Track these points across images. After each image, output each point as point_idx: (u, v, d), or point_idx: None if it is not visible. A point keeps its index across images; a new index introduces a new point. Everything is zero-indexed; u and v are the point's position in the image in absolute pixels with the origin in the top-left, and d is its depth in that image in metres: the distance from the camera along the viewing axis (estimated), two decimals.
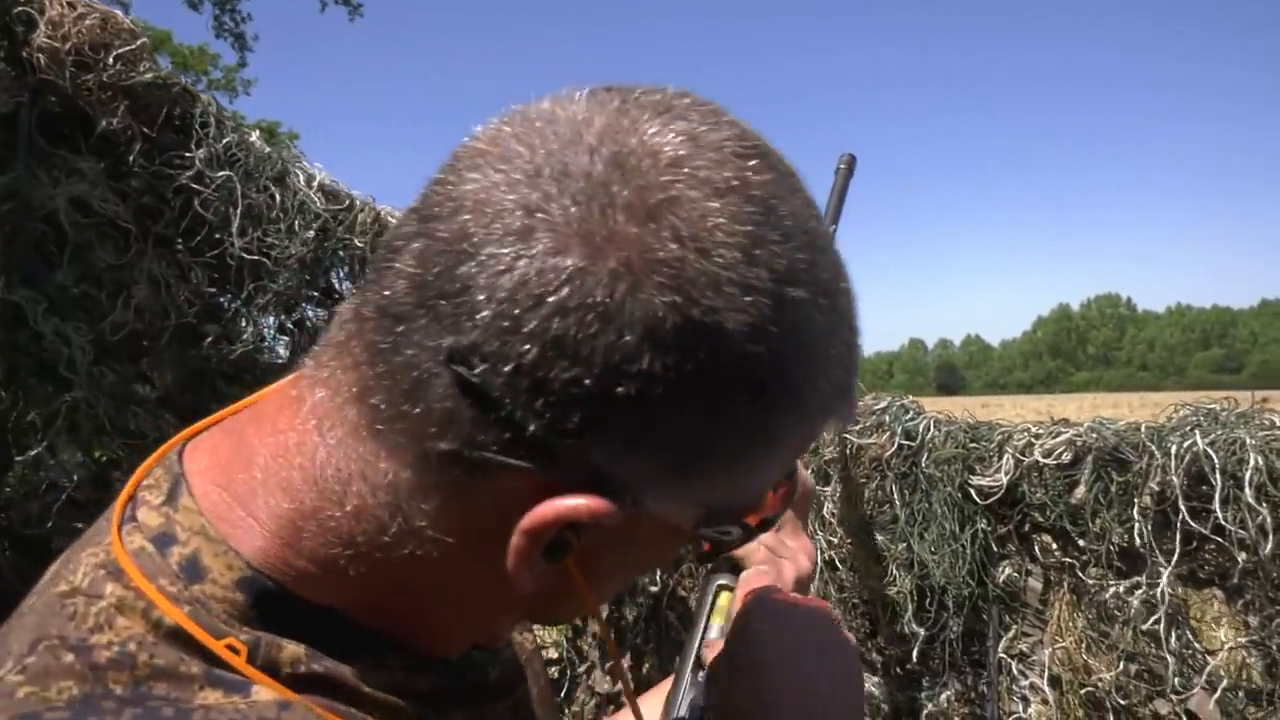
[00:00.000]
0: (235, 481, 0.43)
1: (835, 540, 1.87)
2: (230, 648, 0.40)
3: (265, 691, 0.40)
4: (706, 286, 0.36)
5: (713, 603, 0.73)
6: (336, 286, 1.93)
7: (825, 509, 1.89)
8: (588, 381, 0.36)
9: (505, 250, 0.37)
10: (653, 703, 0.79)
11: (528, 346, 0.36)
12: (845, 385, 0.43)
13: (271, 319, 1.90)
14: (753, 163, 0.39)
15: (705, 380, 0.37)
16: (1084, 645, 1.58)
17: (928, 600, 1.76)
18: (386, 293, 0.40)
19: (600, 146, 0.38)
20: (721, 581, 0.74)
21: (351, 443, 0.41)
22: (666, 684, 0.80)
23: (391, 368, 0.39)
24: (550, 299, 0.36)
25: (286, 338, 1.92)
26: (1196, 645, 1.44)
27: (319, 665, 0.42)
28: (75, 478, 1.68)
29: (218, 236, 1.78)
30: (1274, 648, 1.36)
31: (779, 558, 0.76)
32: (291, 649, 0.41)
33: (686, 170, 0.38)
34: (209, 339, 1.80)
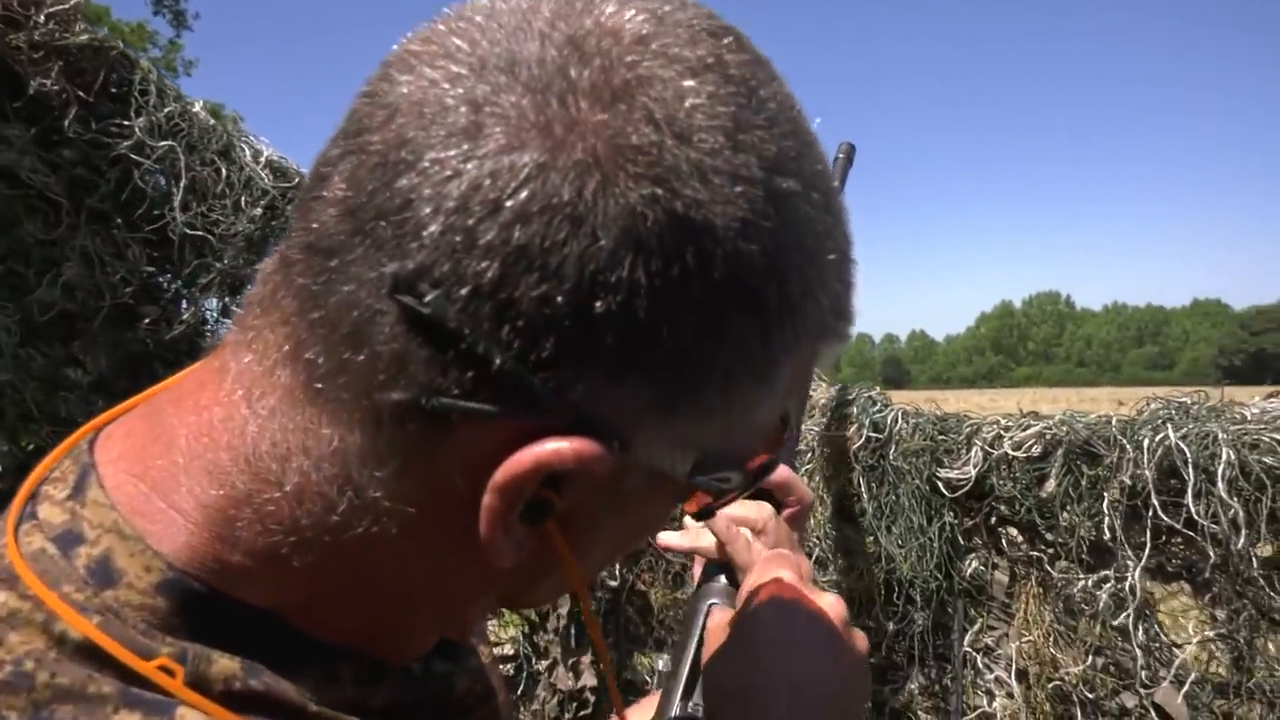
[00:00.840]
0: (152, 469, 0.37)
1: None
2: (164, 669, 0.33)
3: (193, 714, 0.33)
4: (689, 176, 0.31)
5: (704, 624, 0.68)
6: None
7: None
8: (560, 299, 0.31)
9: (451, 153, 0.31)
10: (637, 718, 0.74)
11: (486, 263, 0.30)
12: (843, 301, 0.38)
13: (214, 300, 1.80)
14: (727, 40, 0.34)
15: (694, 287, 0.32)
16: (1051, 639, 1.58)
17: (895, 594, 1.74)
18: (314, 226, 0.34)
19: (552, 31, 0.33)
20: (714, 601, 0.70)
21: (286, 410, 0.35)
22: (650, 700, 0.76)
23: (327, 312, 0.33)
24: (508, 204, 0.30)
25: (229, 320, 1.82)
26: (1164, 638, 1.44)
27: (257, 681, 0.35)
28: (0, 467, 1.57)
29: (157, 212, 1.68)
30: (1241, 641, 1.36)
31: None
32: (224, 663, 0.35)
33: (655, 47, 0.33)
34: (147, 320, 1.70)
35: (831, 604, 0.60)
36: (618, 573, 2.31)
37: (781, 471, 0.80)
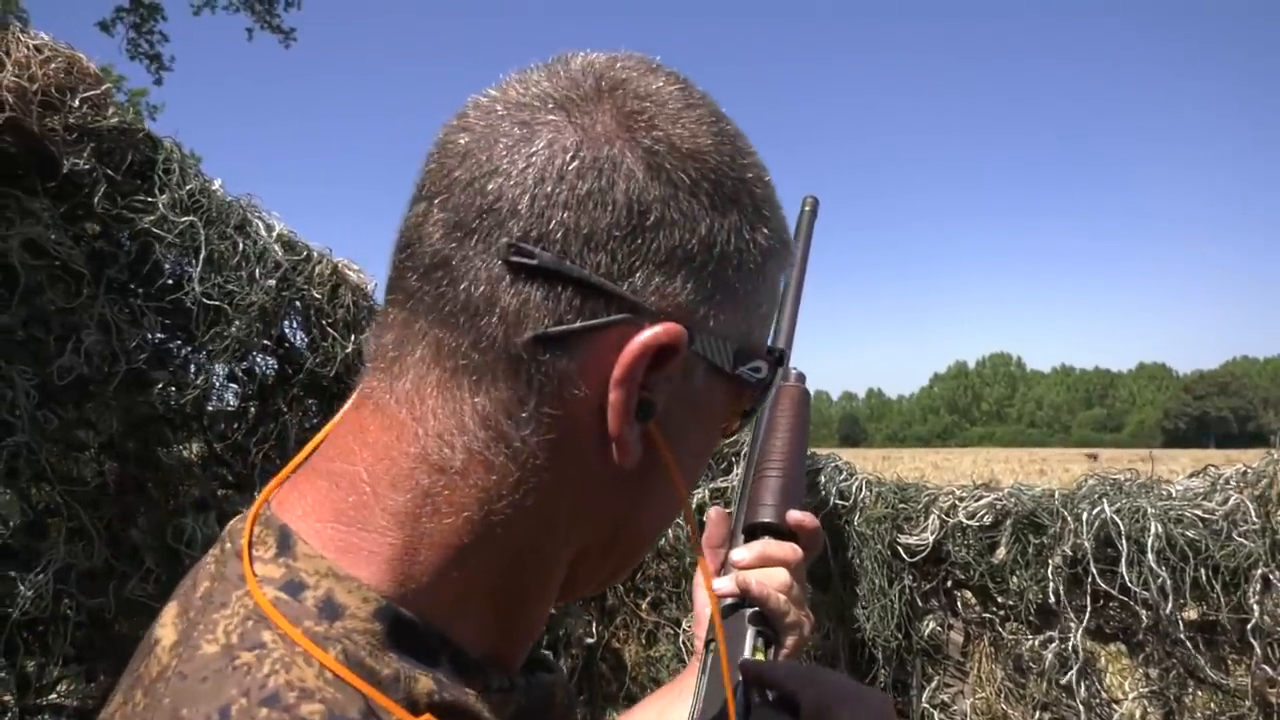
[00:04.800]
0: (345, 507, 0.45)
1: None
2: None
3: None
4: (673, 121, 0.47)
5: (754, 646, 0.78)
6: (288, 336, 1.94)
7: None
8: (622, 220, 0.44)
9: (519, 154, 0.44)
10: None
11: (567, 213, 0.43)
12: (786, 226, 0.53)
13: (220, 367, 1.89)
14: (652, 60, 0.51)
15: (700, 191, 0.46)
16: (1002, 695, 1.70)
17: (859, 652, 1.85)
18: (426, 252, 0.46)
19: (553, 79, 0.48)
20: (761, 628, 0.79)
21: (444, 402, 0.45)
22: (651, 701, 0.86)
23: (457, 304, 0.44)
24: (571, 167, 0.44)
25: (235, 386, 1.91)
26: (1104, 695, 1.57)
27: (448, 695, 0.44)
28: (10, 524, 1.63)
29: (171, 282, 1.78)
30: (1171, 697, 1.50)
31: (801, 614, 0.83)
32: (424, 681, 0.43)
33: (619, 65, 0.49)
34: (158, 385, 1.78)
35: (881, 695, 0.70)
36: (594, 630, 2.39)
37: (815, 521, 0.90)
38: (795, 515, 0.88)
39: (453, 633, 0.46)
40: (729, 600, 0.83)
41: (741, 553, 0.86)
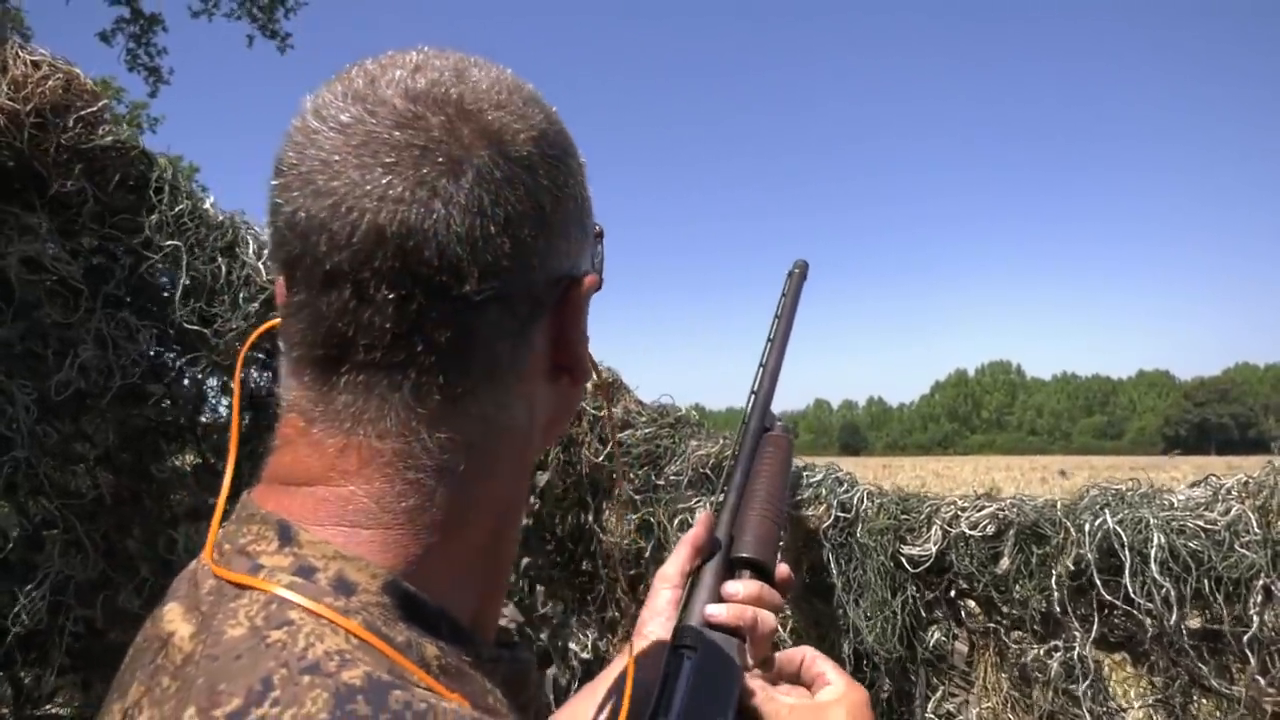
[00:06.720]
0: (345, 513, 0.48)
1: None
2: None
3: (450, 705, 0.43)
4: (514, 117, 0.51)
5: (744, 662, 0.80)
6: (282, 349, 1.92)
7: None
8: (532, 221, 0.49)
9: (431, 213, 0.46)
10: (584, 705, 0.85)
11: (496, 240, 0.47)
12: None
13: (214, 380, 1.89)
14: (453, 56, 0.54)
15: (554, 159, 0.52)
16: (1008, 705, 1.69)
17: (863, 663, 1.84)
18: (380, 333, 0.48)
19: (396, 122, 0.48)
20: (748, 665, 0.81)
21: (434, 425, 0.48)
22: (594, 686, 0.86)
23: (433, 357, 0.48)
24: (484, 202, 0.47)
25: (229, 398, 1.90)
26: (1110, 704, 1.56)
27: (451, 660, 0.47)
28: (10, 538, 1.62)
29: (165, 295, 1.77)
30: (1177, 706, 1.49)
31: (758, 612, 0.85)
32: (430, 648, 0.46)
33: (436, 79, 0.50)
34: (152, 399, 1.78)
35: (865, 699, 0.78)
36: (589, 645, 2.38)
37: (793, 579, 0.94)
38: (784, 570, 0.92)
39: (449, 607, 0.49)
40: (687, 624, 0.83)
41: (737, 586, 0.87)
